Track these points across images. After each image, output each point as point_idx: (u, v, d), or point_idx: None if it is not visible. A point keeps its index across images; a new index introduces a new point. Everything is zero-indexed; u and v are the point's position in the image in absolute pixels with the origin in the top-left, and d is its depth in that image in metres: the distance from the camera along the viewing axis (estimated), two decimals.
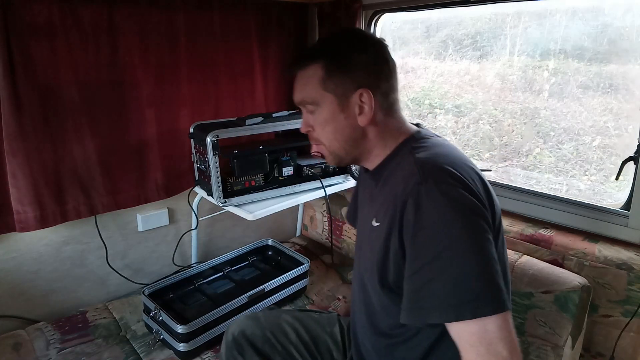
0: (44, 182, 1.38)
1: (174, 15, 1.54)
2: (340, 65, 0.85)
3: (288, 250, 1.77)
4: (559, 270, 1.20)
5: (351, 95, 0.85)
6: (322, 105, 0.87)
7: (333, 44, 0.89)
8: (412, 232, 0.74)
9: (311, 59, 0.87)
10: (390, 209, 0.80)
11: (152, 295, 1.45)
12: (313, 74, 0.86)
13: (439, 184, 0.74)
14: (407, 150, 0.85)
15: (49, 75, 1.34)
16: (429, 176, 0.75)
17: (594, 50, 1.36)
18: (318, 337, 1.14)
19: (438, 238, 0.71)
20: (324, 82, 0.85)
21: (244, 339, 1.12)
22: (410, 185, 0.76)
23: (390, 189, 0.84)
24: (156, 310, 1.37)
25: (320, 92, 0.86)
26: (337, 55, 0.85)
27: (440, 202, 0.72)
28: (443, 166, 0.77)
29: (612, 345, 1.18)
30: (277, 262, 1.80)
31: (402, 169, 0.83)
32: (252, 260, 1.79)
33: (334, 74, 0.85)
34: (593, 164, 1.45)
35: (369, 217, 0.90)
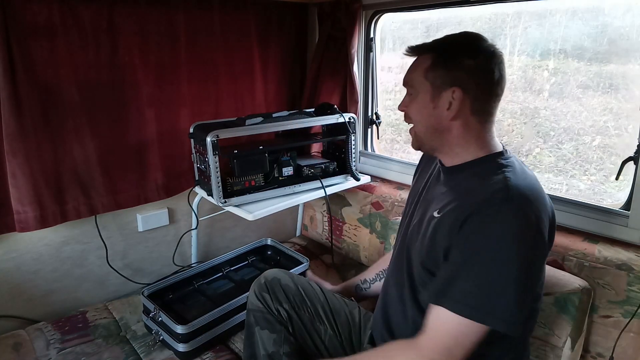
0: (44, 182, 1.38)
1: (174, 15, 1.54)
2: (447, 61, 0.91)
3: (287, 249, 1.76)
4: (560, 272, 1.20)
5: (445, 90, 0.91)
6: (419, 91, 0.94)
7: (449, 41, 0.95)
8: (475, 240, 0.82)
9: (427, 49, 0.95)
10: (458, 209, 0.86)
11: (152, 296, 1.45)
12: (422, 62, 0.94)
13: (519, 211, 0.81)
14: (494, 165, 0.91)
15: (49, 75, 1.34)
16: (513, 200, 0.82)
17: (594, 50, 1.35)
18: (339, 312, 1.23)
19: (494, 255, 0.80)
20: (427, 72, 0.93)
21: (277, 285, 1.22)
22: (494, 200, 0.83)
23: (464, 192, 0.90)
24: (155, 311, 1.36)
25: (421, 79, 0.94)
26: (447, 53, 0.92)
27: (511, 227, 0.80)
28: (529, 196, 0.84)
29: (612, 346, 1.17)
30: (277, 262, 1.79)
31: (485, 179, 0.88)
32: (251, 260, 1.79)
33: (437, 67, 0.92)
34: (593, 164, 1.44)
35: (433, 207, 0.97)
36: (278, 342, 1.15)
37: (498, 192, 0.83)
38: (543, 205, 0.86)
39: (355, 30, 1.73)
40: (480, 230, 0.81)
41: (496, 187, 0.85)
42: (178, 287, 1.56)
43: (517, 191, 0.83)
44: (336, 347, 1.18)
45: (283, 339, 1.16)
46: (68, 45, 1.35)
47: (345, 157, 1.68)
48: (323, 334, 1.19)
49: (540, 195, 0.88)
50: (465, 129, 0.93)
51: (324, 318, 1.21)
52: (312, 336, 1.19)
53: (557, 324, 1.14)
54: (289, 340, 1.17)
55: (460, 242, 0.84)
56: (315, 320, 1.20)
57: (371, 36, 1.83)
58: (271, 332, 1.15)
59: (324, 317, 1.21)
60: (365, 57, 1.86)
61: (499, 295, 0.80)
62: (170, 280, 1.54)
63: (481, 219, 0.82)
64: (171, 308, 1.47)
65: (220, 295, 1.56)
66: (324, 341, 1.18)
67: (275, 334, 1.15)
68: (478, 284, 0.81)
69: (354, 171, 1.69)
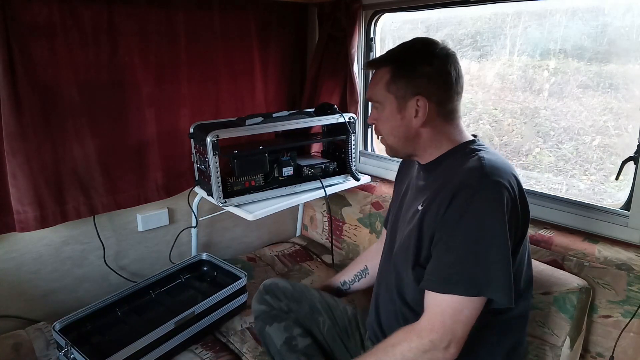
0: (44, 182, 1.38)
1: (174, 15, 1.54)
2: (405, 72, 0.95)
3: (225, 264, 1.61)
4: (559, 272, 1.20)
5: (409, 100, 0.95)
6: (384, 104, 0.98)
7: (403, 51, 0.99)
8: (459, 215, 0.85)
9: (384, 62, 0.99)
10: (441, 194, 0.90)
11: (66, 329, 1.28)
12: (382, 76, 0.98)
13: (496, 184, 0.86)
14: (467, 150, 0.96)
15: (49, 75, 1.34)
16: (490, 175, 0.87)
17: (594, 50, 1.35)
18: (335, 307, 1.27)
19: (481, 226, 0.84)
20: (389, 85, 0.96)
21: (276, 287, 1.28)
22: (473, 176, 0.88)
23: (444, 179, 0.94)
24: (67, 347, 1.19)
25: (384, 93, 0.97)
26: (404, 63, 0.96)
27: (491, 197, 0.85)
28: (503, 172, 0.89)
29: (612, 346, 1.17)
30: (213, 278, 1.62)
31: (462, 164, 0.93)
32: (185, 278, 1.62)
33: (398, 79, 0.95)
34: (593, 164, 1.44)
35: (415, 203, 1.01)
36: (288, 328, 1.21)
37: (475, 170, 0.88)
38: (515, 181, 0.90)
39: (355, 30, 1.73)
40: (463, 207, 0.85)
41: (472, 165, 0.90)
42: (98, 316, 1.38)
43: (492, 167, 0.88)
44: (334, 337, 1.22)
45: (292, 324, 1.22)
46: (68, 45, 1.35)
47: (345, 157, 1.69)
48: (322, 324, 1.23)
49: (512, 172, 0.92)
50: (434, 131, 0.98)
51: (322, 310, 1.25)
52: (312, 328, 1.23)
53: (556, 323, 1.14)
54: (297, 324, 1.22)
55: (444, 224, 0.88)
56: (314, 312, 1.25)
57: (371, 36, 1.83)
58: (279, 323, 1.21)
59: (321, 310, 1.25)
60: (365, 57, 1.86)
61: (489, 266, 0.84)
62: (89, 309, 1.36)
63: (463, 197, 0.85)
64: (88, 341, 1.31)
65: (145, 322, 1.39)
66: (322, 332, 1.22)
67: (283, 322, 1.21)
68: (466, 259, 0.85)
69: (354, 171, 1.69)
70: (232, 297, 1.47)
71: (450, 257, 0.87)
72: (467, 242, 0.85)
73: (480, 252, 0.84)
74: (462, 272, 0.85)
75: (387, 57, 1.00)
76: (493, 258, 0.84)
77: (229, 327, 1.46)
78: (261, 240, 2.11)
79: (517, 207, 0.88)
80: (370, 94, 1.02)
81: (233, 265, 1.60)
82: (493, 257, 0.84)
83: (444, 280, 0.87)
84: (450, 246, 0.87)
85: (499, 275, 0.84)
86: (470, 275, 0.85)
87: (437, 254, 0.90)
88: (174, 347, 1.31)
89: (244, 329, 1.44)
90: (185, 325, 1.33)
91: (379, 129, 1.03)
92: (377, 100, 1.00)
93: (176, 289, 1.59)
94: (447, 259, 0.87)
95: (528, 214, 0.94)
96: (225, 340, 1.44)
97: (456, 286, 0.85)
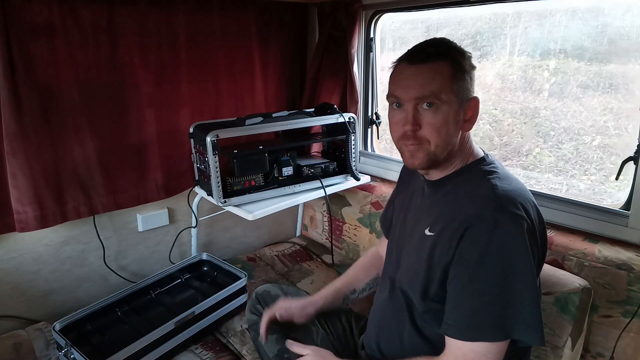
0: (44, 182, 1.38)
1: (174, 15, 1.54)
2: (464, 68, 0.86)
3: (225, 264, 1.62)
4: (560, 272, 1.20)
5: (469, 101, 0.87)
6: (448, 105, 0.85)
7: (455, 46, 0.88)
8: (479, 255, 0.78)
9: (440, 54, 0.85)
10: (453, 225, 0.83)
11: (66, 329, 1.29)
12: (443, 70, 0.84)
13: (514, 217, 0.79)
14: (478, 172, 0.89)
15: (49, 75, 1.34)
16: (506, 207, 0.80)
17: (594, 50, 1.35)
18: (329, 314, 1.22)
19: (505, 265, 0.78)
20: (452, 81, 0.84)
21: (268, 296, 1.25)
22: (486, 210, 0.80)
23: (454, 205, 0.87)
24: (68, 347, 1.19)
25: (449, 90, 0.84)
26: (462, 58, 0.87)
27: (513, 234, 0.78)
28: (518, 202, 0.82)
29: (612, 346, 1.17)
30: (214, 278, 1.64)
31: (473, 189, 0.86)
32: (185, 278, 1.63)
33: (460, 76, 0.85)
34: (593, 164, 1.44)
35: (422, 225, 0.93)
36: (280, 339, 1.17)
37: (489, 202, 0.81)
38: (532, 207, 0.86)
39: (355, 30, 1.73)
40: (482, 247, 0.78)
41: (485, 197, 0.83)
42: (98, 316, 1.38)
43: (506, 197, 0.81)
44: (328, 346, 1.17)
45: (283, 335, 1.17)
46: (68, 45, 1.35)
47: (345, 157, 1.68)
48: (315, 334, 1.20)
49: (528, 198, 0.86)
50: (465, 140, 0.91)
51: (315, 319, 1.21)
52: (305, 337, 1.20)
53: (558, 324, 1.14)
54: (289, 335, 1.18)
55: (460, 262, 0.81)
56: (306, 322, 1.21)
57: (371, 36, 1.83)
58: (271, 334, 1.17)
59: (314, 319, 1.21)
60: (365, 57, 1.86)
61: (517, 306, 0.77)
62: (89, 309, 1.36)
63: (480, 235, 0.79)
64: (88, 342, 1.32)
65: (145, 322, 1.40)
66: (316, 341, 1.19)
67: (275, 333, 1.17)
68: (492, 303, 0.78)
69: (354, 171, 1.69)
70: (232, 297, 1.47)
71: (474, 303, 0.79)
72: (491, 284, 0.78)
73: (506, 294, 0.77)
74: (487, 317, 0.78)
75: (440, 47, 0.87)
76: (521, 297, 0.77)
77: (229, 328, 1.47)
78: (261, 240, 2.11)
79: (537, 236, 0.83)
80: (428, 90, 0.84)
81: (233, 265, 1.61)
82: (521, 297, 0.77)
83: (467, 328, 0.80)
84: (472, 290, 0.80)
85: (528, 315, 0.78)
86: (497, 319, 0.78)
87: (456, 297, 0.82)
88: (174, 347, 1.31)
89: (243, 329, 1.44)
90: (185, 326, 1.34)
91: (423, 135, 0.86)
92: (438, 99, 0.84)
93: (176, 289, 1.60)
94: (470, 304, 0.80)
95: (546, 241, 0.90)
96: (225, 341, 1.44)
97: (482, 333, 0.79)
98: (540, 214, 0.88)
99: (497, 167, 0.90)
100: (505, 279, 0.78)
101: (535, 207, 0.87)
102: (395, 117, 0.90)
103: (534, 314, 0.78)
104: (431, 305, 0.90)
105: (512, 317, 0.78)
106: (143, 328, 1.32)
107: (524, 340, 0.79)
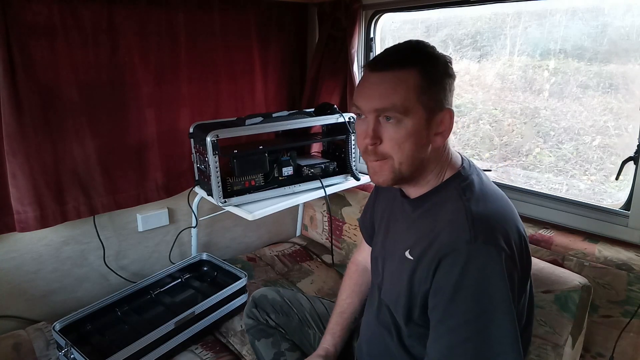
0: (44, 182, 1.38)
1: (174, 15, 1.54)
2: (435, 77, 0.78)
3: (225, 264, 1.62)
4: (559, 270, 1.20)
5: (439, 113, 0.79)
6: (411, 116, 0.77)
7: (427, 52, 0.80)
8: (453, 289, 0.74)
9: (406, 61, 0.78)
10: (430, 252, 0.79)
11: (66, 329, 1.29)
12: (407, 79, 0.77)
13: (489, 247, 0.74)
14: (453, 191, 0.82)
15: (49, 76, 1.34)
16: (479, 236, 0.74)
17: (594, 50, 1.35)
18: (326, 317, 1.19)
19: (480, 300, 0.74)
20: (419, 92, 0.77)
21: (264, 300, 1.23)
22: (460, 240, 0.75)
23: (431, 228, 0.82)
24: (68, 347, 1.19)
25: (414, 101, 0.77)
26: (434, 66, 0.79)
27: (488, 266, 0.73)
28: (494, 227, 0.76)
29: (612, 346, 1.17)
30: (214, 278, 1.64)
31: (448, 213, 0.80)
32: (185, 279, 1.63)
33: (430, 86, 0.77)
34: (593, 164, 1.44)
35: (402, 245, 0.88)
36: (276, 343, 1.17)
37: (463, 232, 0.75)
38: (511, 227, 0.79)
39: (355, 30, 1.73)
40: (456, 281, 0.74)
41: (459, 224, 0.77)
42: (98, 316, 1.38)
43: (481, 225, 0.76)
44: None
45: (279, 339, 1.19)
46: (68, 45, 1.35)
47: (345, 157, 1.68)
48: (312, 337, 1.20)
49: (508, 218, 0.80)
50: (440, 154, 0.84)
51: (312, 323, 1.21)
52: (302, 341, 1.20)
53: (558, 322, 1.14)
54: (285, 339, 1.19)
55: (437, 294, 0.77)
56: (303, 325, 1.21)
57: (371, 36, 1.83)
58: (267, 338, 1.17)
59: (312, 322, 1.21)
60: (365, 57, 1.86)
61: (495, 341, 0.74)
62: (89, 309, 1.37)
63: (452, 268, 0.75)
64: (88, 341, 1.32)
65: (145, 322, 1.40)
66: (313, 345, 1.18)
67: (271, 337, 1.18)
68: (468, 339, 0.75)
69: (354, 171, 1.69)
70: (232, 297, 1.47)
71: (449, 340, 0.76)
72: (466, 321, 0.74)
73: (482, 330, 0.74)
74: (463, 355, 0.75)
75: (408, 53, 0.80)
76: (499, 332, 0.73)
77: (228, 328, 1.47)
78: (261, 240, 2.11)
79: (516, 261, 0.77)
80: (389, 103, 0.77)
81: (233, 265, 1.61)
82: (499, 331, 0.73)
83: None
84: (447, 326, 0.76)
85: (506, 349, 0.74)
86: (474, 358, 0.75)
87: (434, 330, 0.79)
88: (174, 347, 1.31)
89: (243, 329, 1.44)
90: (185, 326, 1.34)
91: (384, 150, 0.80)
92: (401, 111, 0.77)
93: (176, 289, 1.60)
94: (446, 340, 0.77)
95: (530, 258, 0.85)
96: (225, 341, 1.44)
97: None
98: (522, 231, 0.83)
99: (473, 183, 0.83)
100: (480, 315, 0.74)
101: (514, 225, 0.81)
102: (359, 127, 0.84)
103: (513, 349, 0.74)
104: (416, 329, 0.87)
105: (490, 354, 0.74)
106: (143, 328, 1.32)
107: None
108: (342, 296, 1.18)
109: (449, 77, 0.81)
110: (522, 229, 0.84)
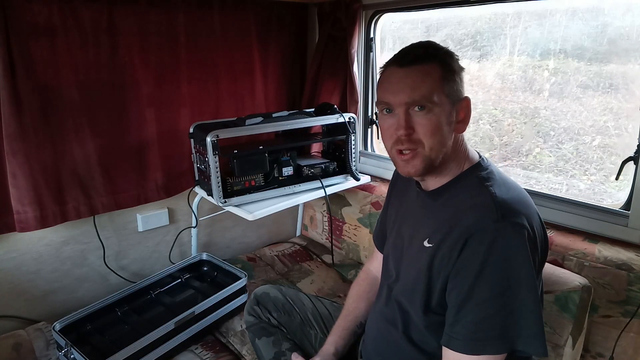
0: (44, 182, 1.38)
1: (174, 15, 1.54)
2: (453, 69, 0.85)
3: (225, 264, 1.62)
4: (560, 270, 1.20)
5: (460, 102, 0.86)
6: (440, 106, 0.83)
7: (442, 47, 0.87)
8: (480, 266, 0.77)
9: (429, 56, 0.84)
10: (452, 235, 0.81)
11: (66, 329, 1.29)
12: (432, 72, 0.83)
13: (515, 226, 0.78)
14: (475, 179, 0.87)
15: (49, 75, 1.34)
16: (506, 216, 0.78)
17: (594, 50, 1.35)
18: (328, 318, 1.21)
19: (506, 277, 0.76)
20: (443, 83, 0.83)
21: (267, 298, 1.24)
22: (486, 219, 0.79)
23: (453, 215, 0.85)
24: (67, 347, 1.19)
25: (440, 91, 0.83)
26: (451, 60, 0.86)
27: (514, 243, 0.77)
28: (519, 209, 0.81)
29: (612, 346, 1.17)
30: (214, 278, 1.64)
31: (471, 198, 0.84)
32: (185, 278, 1.63)
33: (450, 77, 0.84)
34: (593, 164, 1.44)
35: (420, 237, 0.91)
36: (277, 342, 1.17)
37: (489, 212, 0.79)
38: (532, 213, 0.84)
39: (355, 30, 1.73)
40: (483, 258, 0.77)
41: (485, 206, 0.81)
42: (98, 316, 1.38)
43: (506, 206, 0.80)
44: None
45: (280, 338, 1.18)
46: (68, 45, 1.35)
47: (345, 157, 1.68)
48: (314, 338, 1.20)
49: (528, 204, 0.85)
50: (456, 143, 0.89)
51: (314, 323, 1.21)
52: (303, 341, 1.20)
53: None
54: (286, 338, 1.19)
55: (460, 273, 0.79)
56: (305, 325, 1.21)
57: (371, 36, 1.83)
58: (268, 337, 1.17)
59: (313, 322, 1.21)
60: (365, 57, 1.86)
61: (520, 316, 0.76)
62: (89, 309, 1.36)
63: (479, 246, 0.77)
64: (88, 341, 1.32)
65: (145, 322, 1.40)
66: (314, 345, 1.18)
67: (272, 336, 1.18)
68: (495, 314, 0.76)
69: (354, 171, 1.69)
70: (232, 297, 1.47)
71: (476, 315, 0.77)
72: (494, 296, 0.76)
73: (509, 305, 0.76)
74: (490, 330, 0.76)
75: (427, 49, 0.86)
76: (523, 308, 0.76)
77: (228, 328, 1.47)
78: (261, 240, 2.11)
79: (537, 243, 0.82)
80: (419, 95, 0.82)
81: (233, 265, 1.61)
82: (523, 307, 0.76)
83: (470, 341, 0.78)
84: (474, 302, 0.78)
85: (531, 326, 0.76)
86: (500, 332, 0.76)
87: (458, 309, 0.80)
88: (174, 347, 1.31)
89: (243, 329, 1.44)
90: (185, 325, 1.34)
91: (419, 136, 0.84)
92: (429, 101, 0.82)
93: (176, 289, 1.60)
94: (472, 316, 0.78)
95: (547, 245, 0.89)
96: (225, 341, 1.44)
97: (485, 346, 0.77)
98: (540, 218, 0.87)
99: (493, 172, 0.88)
100: (507, 290, 0.76)
101: (535, 212, 0.85)
102: (387, 122, 0.88)
103: (537, 324, 0.77)
104: (434, 318, 0.88)
105: (515, 328, 0.76)
106: (143, 328, 1.32)
107: (527, 352, 0.77)
108: (349, 301, 1.19)
109: (461, 69, 0.88)
110: (541, 219, 0.87)
